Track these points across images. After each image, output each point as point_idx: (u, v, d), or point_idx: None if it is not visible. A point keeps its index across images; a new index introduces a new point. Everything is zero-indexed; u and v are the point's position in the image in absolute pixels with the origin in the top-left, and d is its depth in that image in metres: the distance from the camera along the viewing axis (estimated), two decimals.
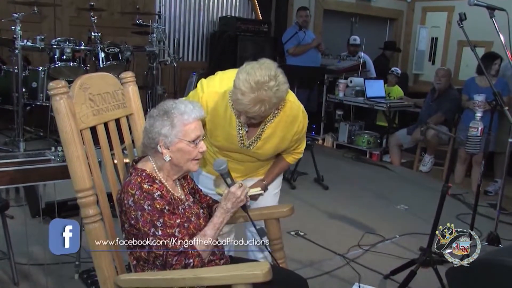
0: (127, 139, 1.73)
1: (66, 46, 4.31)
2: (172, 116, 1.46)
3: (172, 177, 1.56)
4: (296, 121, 1.81)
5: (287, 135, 1.83)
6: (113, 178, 1.63)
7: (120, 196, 1.47)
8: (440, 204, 2.47)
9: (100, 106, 1.57)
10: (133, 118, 1.75)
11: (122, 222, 1.48)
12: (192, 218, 1.54)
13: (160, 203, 1.43)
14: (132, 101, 1.73)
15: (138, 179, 1.45)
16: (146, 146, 1.52)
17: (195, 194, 1.71)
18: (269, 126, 1.80)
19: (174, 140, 1.47)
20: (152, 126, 1.48)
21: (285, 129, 1.81)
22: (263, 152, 1.85)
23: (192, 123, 1.47)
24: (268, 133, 1.81)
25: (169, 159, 1.49)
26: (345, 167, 5.01)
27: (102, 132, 1.60)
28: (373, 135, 5.55)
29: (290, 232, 3.19)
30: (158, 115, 1.47)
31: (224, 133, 1.81)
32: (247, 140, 1.82)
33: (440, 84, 4.84)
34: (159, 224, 1.41)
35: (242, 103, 1.59)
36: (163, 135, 1.46)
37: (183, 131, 1.47)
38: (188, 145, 1.48)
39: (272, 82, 1.57)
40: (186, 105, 1.48)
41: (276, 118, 1.79)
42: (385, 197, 4.11)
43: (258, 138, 1.81)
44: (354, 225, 3.41)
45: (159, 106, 1.50)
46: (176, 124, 1.46)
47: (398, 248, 3.04)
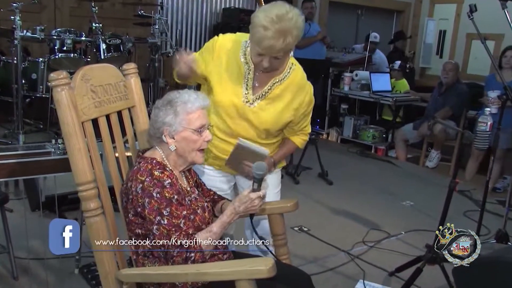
0: (129, 131, 1.72)
1: (66, 37, 4.31)
2: (175, 105, 1.48)
3: (178, 169, 1.57)
4: (303, 90, 1.86)
5: (292, 103, 1.84)
6: (115, 171, 1.63)
7: (126, 185, 1.48)
8: (447, 201, 2.46)
9: (102, 98, 1.57)
10: (135, 111, 1.74)
11: (127, 212, 1.49)
12: (198, 210, 1.55)
13: (170, 191, 1.43)
14: (134, 93, 1.73)
15: (149, 166, 1.46)
16: (152, 136, 1.54)
17: (198, 188, 1.72)
18: (277, 86, 1.83)
19: (178, 128, 1.49)
20: (156, 116, 1.50)
21: (291, 94, 1.84)
22: (264, 117, 1.82)
23: (196, 112, 1.49)
24: (275, 93, 1.83)
25: (174, 149, 1.51)
26: (350, 162, 5.01)
27: (104, 125, 1.59)
28: (378, 129, 5.54)
29: (293, 228, 3.19)
30: (163, 105, 1.50)
31: (231, 83, 1.82)
32: (251, 96, 1.82)
33: (447, 78, 4.82)
34: (166, 213, 1.41)
35: (267, 37, 1.62)
36: (167, 123, 1.48)
37: (186, 120, 1.48)
38: (192, 133, 1.50)
39: (290, 14, 1.63)
40: (190, 95, 1.51)
41: (286, 80, 1.83)
42: (391, 193, 4.10)
43: (263, 95, 1.82)
44: (358, 221, 3.41)
45: (164, 97, 1.53)
46: (179, 112, 1.48)
47: (404, 245, 3.04)
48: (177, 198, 1.44)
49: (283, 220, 1.82)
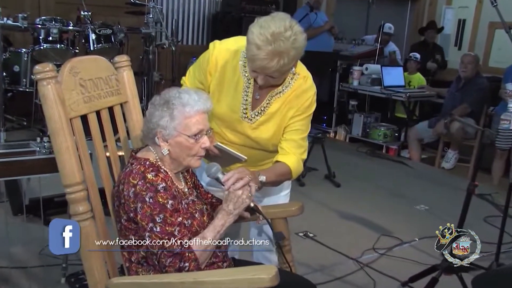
0: (121, 129, 1.73)
1: (52, 26, 4.31)
2: (172, 107, 1.47)
3: (174, 171, 1.57)
4: (303, 97, 1.80)
5: (288, 112, 1.81)
6: (106, 172, 1.63)
7: (118, 188, 1.48)
8: (465, 205, 2.46)
9: (92, 93, 1.57)
10: (128, 107, 1.74)
11: (119, 217, 1.49)
12: (196, 214, 1.55)
13: (164, 196, 1.44)
14: (127, 87, 1.73)
15: (141, 168, 1.46)
16: (145, 135, 1.54)
17: (196, 190, 1.72)
18: (276, 99, 1.80)
19: (173, 133, 1.48)
20: (151, 115, 1.50)
21: (290, 104, 1.80)
22: (264, 134, 1.82)
23: (194, 117, 1.48)
24: (274, 108, 1.81)
25: (167, 153, 1.51)
26: (359, 163, 5.01)
27: (94, 121, 1.60)
28: (390, 128, 5.54)
29: (298, 233, 3.19)
30: (159, 104, 1.49)
31: (228, 97, 1.81)
32: (250, 111, 1.81)
33: (466, 72, 4.81)
34: (159, 220, 1.42)
35: (259, 58, 1.58)
36: (161, 126, 1.48)
37: (183, 124, 1.47)
38: (187, 140, 1.49)
39: (288, 32, 1.57)
40: (191, 95, 1.49)
41: (286, 93, 1.80)
42: (403, 196, 4.11)
43: (262, 111, 1.81)
44: (368, 226, 3.42)
45: (162, 94, 1.51)
46: (176, 116, 1.47)
47: (418, 253, 3.04)
48: (172, 203, 1.45)
49: (287, 225, 1.83)
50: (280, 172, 1.79)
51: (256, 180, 1.64)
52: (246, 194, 1.53)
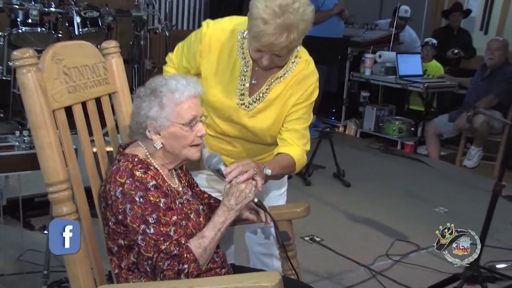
0: (110, 122, 1.73)
1: (31, 7, 4.29)
2: (160, 95, 1.47)
3: (168, 167, 1.57)
4: (306, 83, 1.81)
5: (290, 100, 1.81)
6: (93, 169, 1.63)
7: (104, 187, 1.48)
8: (490, 207, 2.46)
9: (77, 82, 1.57)
10: (117, 97, 1.75)
11: (106, 219, 1.50)
12: (191, 215, 1.56)
13: (155, 195, 1.44)
14: (116, 76, 1.73)
15: (129, 165, 1.46)
16: (134, 131, 1.54)
17: (191, 189, 1.72)
18: (276, 85, 1.81)
19: (165, 123, 1.48)
20: (139, 108, 1.49)
21: (291, 90, 1.81)
22: (261, 123, 1.82)
23: (185, 102, 1.49)
24: (274, 94, 1.81)
25: (160, 146, 1.51)
26: (371, 161, 5.01)
27: (80, 114, 1.59)
28: (406, 122, 5.54)
29: (304, 238, 3.20)
30: (145, 95, 1.49)
31: (223, 83, 1.81)
32: (247, 97, 1.81)
33: (492, 60, 4.79)
34: (152, 221, 1.42)
35: (266, 33, 1.58)
36: (151, 118, 1.48)
37: (174, 112, 1.48)
38: (181, 128, 1.49)
39: (296, 4, 1.58)
40: (178, 81, 1.49)
41: (287, 77, 1.80)
42: (420, 197, 4.11)
43: (261, 97, 1.81)
44: (381, 230, 3.42)
45: (147, 84, 1.52)
46: (166, 104, 1.47)
47: (436, 260, 3.04)
48: (165, 202, 1.45)
49: (292, 228, 1.83)
50: (284, 165, 1.79)
51: (262, 173, 1.64)
52: (250, 188, 1.53)
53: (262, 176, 1.63)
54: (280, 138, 1.84)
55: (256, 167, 1.60)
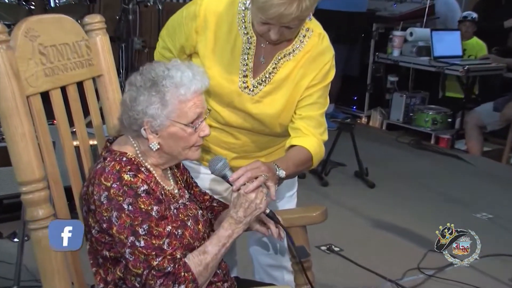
0: (94, 111, 1.72)
1: None
2: (163, 90, 1.46)
3: (161, 166, 1.57)
4: (320, 61, 1.80)
5: (302, 81, 1.80)
6: (74, 166, 1.63)
7: (87, 189, 1.48)
8: None
9: (56, 63, 1.57)
10: (103, 81, 1.74)
11: (89, 226, 1.50)
12: (189, 222, 1.56)
13: (146, 202, 1.43)
14: (101, 57, 1.73)
15: (117, 166, 1.46)
16: (125, 127, 1.53)
17: (189, 190, 1.72)
18: (285, 63, 1.80)
19: (165, 123, 1.47)
20: (134, 101, 1.48)
21: (303, 70, 1.80)
22: (269, 105, 1.81)
23: (191, 99, 1.48)
24: (282, 74, 1.80)
25: (157, 148, 1.50)
26: (400, 157, 5.00)
27: (58, 100, 1.59)
28: (441, 111, 5.52)
29: (320, 247, 3.20)
30: (143, 87, 1.47)
31: (223, 63, 1.81)
32: (251, 79, 1.81)
33: None
34: (142, 232, 1.42)
35: (274, 3, 1.58)
36: (150, 116, 1.46)
37: (177, 111, 1.47)
38: (183, 129, 1.49)
39: None
40: (183, 72, 1.48)
41: (298, 54, 1.80)
42: (459, 200, 4.10)
43: (267, 78, 1.81)
44: (412, 239, 3.41)
45: (145, 72, 1.50)
46: (169, 101, 1.46)
47: (478, 275, 3.03)
48: (158, 209, 1.45)
49: (306, 236, 1.82)
50: (299, 161, 1.78)
51: (274, 177, 1.63)
52: (261, 197, 1.52)
53: (275, 181, 1.62)
54: (293, 127, 1.83)
55: (268, 171, 1.59)
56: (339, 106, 5.91)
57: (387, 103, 5.84)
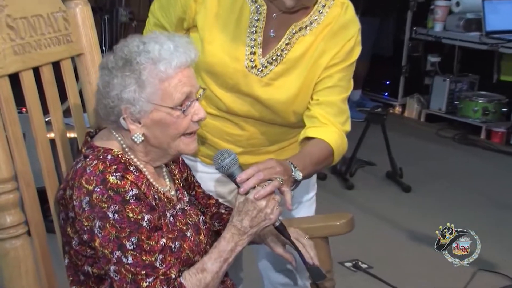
0: (73, 96, 1.74)
1: None
2: (138, 68, 1.46)
3: (153, 163, 1.58)
4: (343, 36, 1.81)
5: (321, 59, 1.81)
6: (49, 163, 1.65)
7: (64, 192, 1.50)
8: None
9: (27, 39, 1.58)
10: (84, 61, 1.76)
11: (67, 236, 1.51)
12: (188, 231, 1.57)
13: (136, 209, 1.44)
14: (81, 31, 1.74)
15: (100, 166, 1.46)
16: (103, 118, 1.54)
17: (190, 191, 1.74)
18: (300, 39, 1.81)
19: (146, 107, 1.48)
20: (107, 86, 1.48)
21: (322, 45, 1.81)
22: (282, 89, 1.83)
23: (175, 76, 1.48)
24: (299, 51, 1.81)
25: (141, 139, 1.51)
26: (442, 155, 5.02)
27: (30, 84, 1.60)
28: (494, 99, 5.52)
29: (344, 263, 3.23)
30: (116, 67, 1.48)
31: (226, 37, 1.82)
32: (260, 57, 1.82)
33: None
34: (130, 246, 1.42)
35: None
36: (127, 101, 1.47)
37: (159, 92, 1.47)
38: (170, 113, 1.49)
39: None
40: (162, 44, 1.48)
41: (316, 28, 1.80)
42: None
43: (279, 56, 1.82)
44: None
45: (117, 50, 1.50)
46: (147, 81, 1.46)
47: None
48: (150, 219, 1.45)
49: (329, 249, 1.84)
50: (318, 157, 1.79)
51: (290, 180, 1.63)
52: (273, 206, 1.53)
53: (291, 185, 1.63)
54: (308, 116, 1.84)
55: (284, 173, 1.59)
56: (368, 92, 5.91)
57: (426, 89, 5.84)
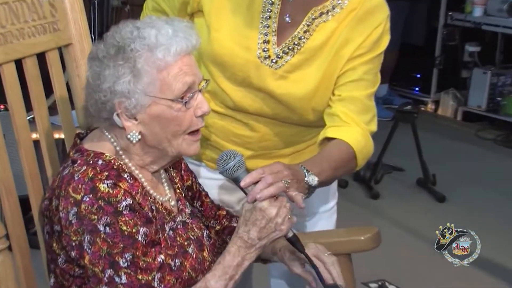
0: (61, 91, 1.74)
1: None
2: (132, 56, 1.47)
3: (150, 167, 1.59)
4: (370, 22, 1.82)
5: (345, 49, 1.82)
6: (33, 168, 1.65)
7: (49, 203, 1.50)
8: None
9: (8, 28, 1.59)
10: (72, 53, 1.77)
11: (52, 253, 1.52)
12: (190, 248, 1.57)
13: (130, 222, 1.44)
14: (70, 18, 1.75)
15: (90, 172, 1.47)
16: (94, 115, 1.54)
17: (194, 199, 1.74)
18: (321, 26, 1.82)
19: (143, 100, 1.48)
20: (97, 78, 1.49)
21: (346, 33, 1.81)
22: (299, 83, 1.83)
23: (174, 64, 1.49)
24: (319, 39, 1.82)
25: (138, 138, 1.51)
26: (481, 159, 5.01)
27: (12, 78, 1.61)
28: None
29: (369, 284, 3.23)
30: (107, 57, 1.48)
31: (236, 23, 1.82)
32: (275, 46, 1.83)
33: None
34: (124, 263, 1.43)
35: None
36: (121, 94, 1.47)
37: (157, 83, 1.48)
38: (170, 107, 1.50)
39: None
40: (160, 29, 1.49)
41: (338, 14, 1.81)
42: None
43: (296, 45, 1.83)
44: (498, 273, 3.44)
45: (109, 38, 1.51)
46: (143, 70, 1.47)
47: None
48: (146, 232, 1.46)
49: (351, 268, 1.84)
50: (338, 161, 1.79)
51: (302, 185, 1.64)
52: (284, 215, 1.52)
53: (303, 190, 1.62)
54: (329, 113, 1.84)
55: (291, 176, 1.59)
56: (396, 87, 5.91)
57: (464, 83, 5.84)
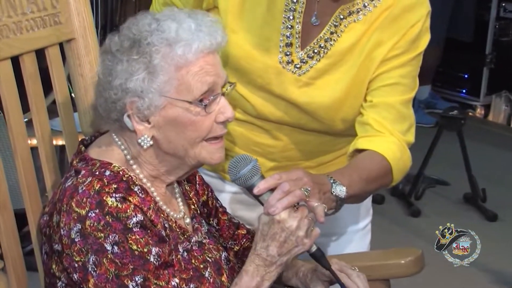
0: (62, 93, 1.76)
1: None
2: (149, 51, 1.48)
3: (166, 178, 1.60)
4: (407, 20, 1.83)
5: (377, 51, 1.83)
6: (30, 179, 1.67)
7: (50, 218, 1.52)
8: None
9: (4, 21, 1.61)
10: (75, 48, 1.79)
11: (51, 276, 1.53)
12: (206, 271, 1.59)
13: (141, 240, 1.46)
14: (73, 10, 1.77)
15: (96, 184, 1.48)
16: (103, 116, 1.55)
17: (210, 217, 1.76)
18: (351, 26, 1.83)
19: (158, 101, 1.50)
20: (109, 74, 1.50)
21: (379, 33, 1.83)
22: (325, 91, 1.85)
23: (195, 63, 1.50)
24: (348, 41, 1.83)
25: (150, 144, 1.53)
26: None
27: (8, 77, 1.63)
28: None
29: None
30: (120, 50, 1.50)
31: (255, 25, 1.84)
32: (298, 50, 1.84)
33: None
34: (134, 286, 1.44)
35: None
36: (133, 92, 1.49)
37: (175, 82, 1.50)
38: (188, 110, 1.51)
39: None
40: (181, 23, 1.50)
41: (370, 13, 1.83)
42: None
43: (322, 49, 1.84)
44: None
45: (124, 30, 1.53)
46: (159, 67, 1.48)
47: None
48: (159, 252, 1.47)
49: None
50: (371, 174, 1.80)
51: (327, 196, 1.65)
52: (306, 227, 1.54)
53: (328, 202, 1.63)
54: (361, 122, 1.86)
55: (312, 184, 1.59)
56: (439, 89, 5.89)
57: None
